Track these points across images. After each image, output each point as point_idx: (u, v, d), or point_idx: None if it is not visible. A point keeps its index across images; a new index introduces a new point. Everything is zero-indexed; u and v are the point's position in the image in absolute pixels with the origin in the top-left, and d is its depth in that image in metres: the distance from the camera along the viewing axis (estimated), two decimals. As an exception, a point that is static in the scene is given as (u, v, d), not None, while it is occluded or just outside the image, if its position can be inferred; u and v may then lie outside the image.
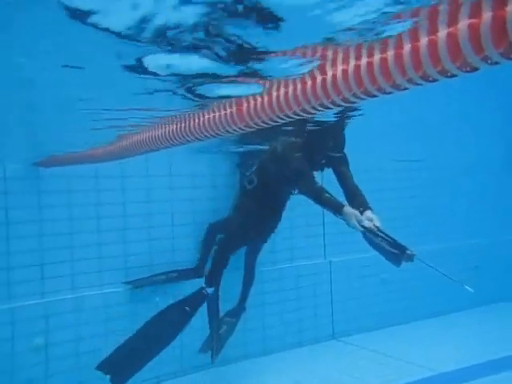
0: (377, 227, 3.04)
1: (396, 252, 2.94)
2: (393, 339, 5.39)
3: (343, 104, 1.59)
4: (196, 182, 4.85)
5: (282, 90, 1.75)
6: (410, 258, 2.90)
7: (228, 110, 2.01)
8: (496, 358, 4.72)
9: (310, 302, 5.33)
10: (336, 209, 3.06)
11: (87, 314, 4.11)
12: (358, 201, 3.29)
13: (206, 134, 2.17)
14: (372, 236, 3.01)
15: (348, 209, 3.03)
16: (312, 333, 5.34)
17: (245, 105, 1.92)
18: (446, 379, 4.30)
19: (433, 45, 1.18)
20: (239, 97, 1.98)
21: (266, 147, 4.28)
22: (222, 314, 4.35)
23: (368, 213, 3.14)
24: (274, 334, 5.06)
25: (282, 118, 1.81)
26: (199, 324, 4.10)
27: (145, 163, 4.52)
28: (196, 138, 2.24)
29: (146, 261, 4.51)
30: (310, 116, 1.79)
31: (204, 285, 3.89)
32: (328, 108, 1.63)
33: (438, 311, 6.17)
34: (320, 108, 1.63)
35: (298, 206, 4.62)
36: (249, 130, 2.03)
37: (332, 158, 3.43)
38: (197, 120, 2.18)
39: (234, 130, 2.04)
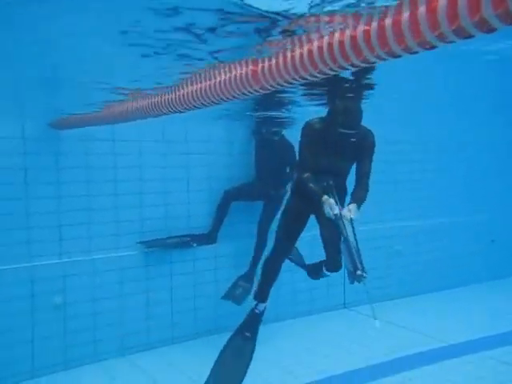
0: (350, 219, 3.00)
1: (350, 268, 2.84)
2: (404, 310, 5.43)
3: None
4: (211, 148, 4.84)
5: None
6: (359, 278, 2.76)
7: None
8: (505, 331, 4.75)
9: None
10: (317, 197, 3.15)
11: (103, 275, 4.20)
12: (357, 195, 3.25)
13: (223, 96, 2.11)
14: (344, 235, 2.93)
15: (325, 198, 3.09)
16: (323, 302, 5.40)
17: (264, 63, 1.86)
18: (455, 350, 4.34)
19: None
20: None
21: (281, 114, 4.24)
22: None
23: (352, 206, 3.12)
24: (286, 300, 5.12)
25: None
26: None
27: (161, 127, 4.51)
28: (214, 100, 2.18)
29: (161, 225, 4.55)
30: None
31: (254, 301, 3.77)
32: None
33: (449, 284, 6.19)
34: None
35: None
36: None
37: (347, 137, 3.18)
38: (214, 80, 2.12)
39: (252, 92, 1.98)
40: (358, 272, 2.77)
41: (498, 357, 4.14)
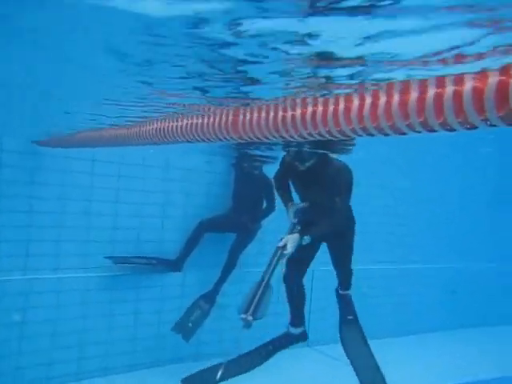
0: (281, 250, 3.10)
1: (241, 308, 2.88)
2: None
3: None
4: (190, 176, 4.88)
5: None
6: (243, 322, 2.80)
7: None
8: (462, 382, 4.83)
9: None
10: (285, 204, 3.44)
11: (66, 295, 4.11)
12: (312, 226, 3.31)
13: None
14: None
15: (291, 206, 3.35)
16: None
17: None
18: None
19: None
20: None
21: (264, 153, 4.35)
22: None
23: (291, 236, 3.20)
24: (247, 336, 5.09)
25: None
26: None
27: (142, 152, 4.54)
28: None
29: (133, 249, 4.52)
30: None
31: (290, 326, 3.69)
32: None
33: (413, 330, 6.28)
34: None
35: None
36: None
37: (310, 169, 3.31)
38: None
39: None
40: (243, 315, 2.81)
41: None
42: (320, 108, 1.59)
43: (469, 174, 6.56)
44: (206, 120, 2.08)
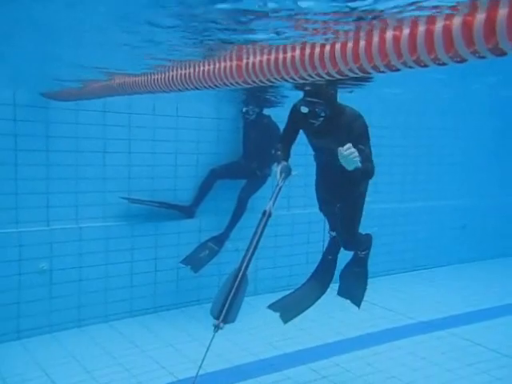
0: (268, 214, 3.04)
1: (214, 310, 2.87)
2: (379, 289, 5.67)
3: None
4: (200, 124, 4.93)
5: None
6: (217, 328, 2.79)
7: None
8: (473, 310, 5.08)
9: (303, 248, 5.56)
10: (277, 160, 3.28)
11: (89, 244, 4.31)
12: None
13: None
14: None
15: (278, 165, 3.19)
16: (303, 278, 5.59)
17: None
18: (422, 327, 4.61)
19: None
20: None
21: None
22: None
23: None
24: (265, 275, 5.31)
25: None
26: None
27: (151, 101, 4.57)
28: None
29: (148, 198, 4.65)
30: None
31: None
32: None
33: (424, 265, 6.50)
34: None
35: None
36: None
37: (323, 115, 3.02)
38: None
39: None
40: (215, 322, 2.76)
41: (461, 334, 4.44)
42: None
43: (479, 113, 6.48)
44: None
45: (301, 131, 3.37)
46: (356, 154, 2.60)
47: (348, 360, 3.87)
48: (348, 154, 2.55)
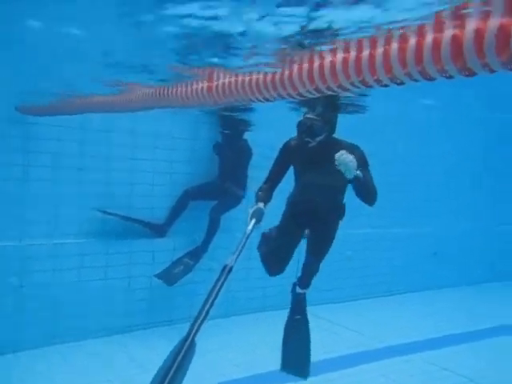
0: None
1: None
2: (350, 313, 5.74)
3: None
4: (176, 144, 5.00)
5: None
6: None
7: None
8: (442, 335, 5.17)
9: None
10: (257, 199, 3.20)
11: (63, 260, 4.29)
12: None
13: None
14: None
15: (253, 208, 3.08)
16: (275, 300, 5.62)
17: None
18: (392, 351, 4.67)
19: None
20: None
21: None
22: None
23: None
24: (238, 297, 5.32)
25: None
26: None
27: (131, 120, 4.64)
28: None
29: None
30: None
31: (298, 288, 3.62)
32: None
33: (396, 290, 6.60)
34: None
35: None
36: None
37: (320, 149, 3.06)
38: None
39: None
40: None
41: (429, 358, 4.50)
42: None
43: (456, 140, 6.70)
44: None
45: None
46: (352, 157, 2.70)
47: (317, 382, 3.89)
48: (344, 157, 2.66)
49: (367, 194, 3.05)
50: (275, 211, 3.41)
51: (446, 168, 6.90)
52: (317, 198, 3.30)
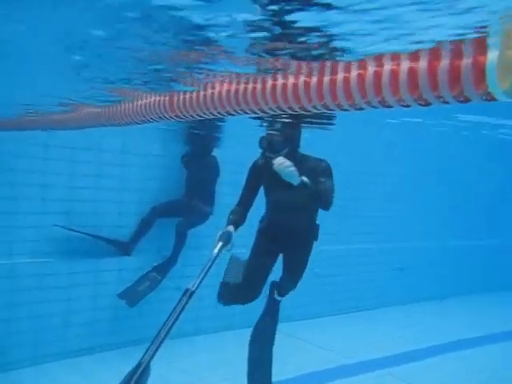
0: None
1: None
2: (317, 329, 5.74)
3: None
4: (145, 161, 4.94)
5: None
6: None
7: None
8: (410, 349, 5.23)
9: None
10: (228, 222, 3.20)
11: (22, 280, 4.13)
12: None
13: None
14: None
15: (221, 231, 3.10)
16: (241, 317, 5.56)
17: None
18: (360, 366, 4.68)
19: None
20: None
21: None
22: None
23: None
24: (207, 315, 5.24)
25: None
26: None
27: (97, 137, 4.56)
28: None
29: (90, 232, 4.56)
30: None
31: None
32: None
33: (365, 306, 6.63)
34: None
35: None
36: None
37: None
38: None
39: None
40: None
41: (396, 373, 4.54)
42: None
43: (419, 155, 6.88)
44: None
45: None
46: (290, 163, 2.77)
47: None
48: (281, 162, 2.74)
49: (324, 198, 3.09)
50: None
51: (414, 184, 7.05)
52: (288, 219, 3.29)
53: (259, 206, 3.46)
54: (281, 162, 2.80)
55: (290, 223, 3.31)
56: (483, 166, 7.42)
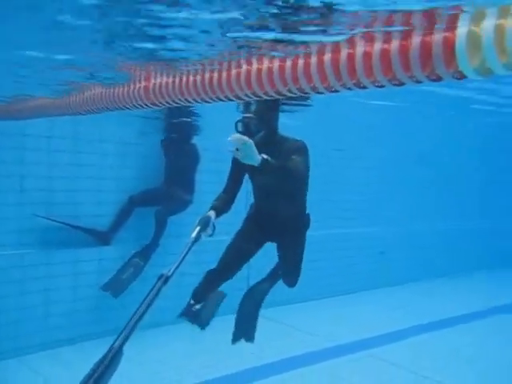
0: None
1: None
2: (300, 313, 5.80)
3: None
4: (122, 149, 4.89)
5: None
6: None
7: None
8: (389, 331, 5.34)
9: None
10: (211, 208, 3.16)
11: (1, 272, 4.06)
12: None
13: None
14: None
15: (201, 216, 3.06)
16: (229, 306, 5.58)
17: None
18: (342, 349, 4.76)
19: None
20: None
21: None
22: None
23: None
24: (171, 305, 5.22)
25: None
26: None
27: (72, 125, 4.48)
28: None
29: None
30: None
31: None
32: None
33: (345, 290, 6.72)
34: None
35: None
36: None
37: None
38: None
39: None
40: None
41: (379, 355, 4.62)
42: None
43: (400, 140, 6.93)
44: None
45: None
46: (247, 138, 2.52)
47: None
48: (237, 138, 2.53)
49: (294, 173, 2.92)
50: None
51: (394, 168, 7.11)
52: (274, 206, 3.22)
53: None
54: (238, 137, 2.56)
55: (276, 210, 3.24)
56: (473, 146, 7.53)
